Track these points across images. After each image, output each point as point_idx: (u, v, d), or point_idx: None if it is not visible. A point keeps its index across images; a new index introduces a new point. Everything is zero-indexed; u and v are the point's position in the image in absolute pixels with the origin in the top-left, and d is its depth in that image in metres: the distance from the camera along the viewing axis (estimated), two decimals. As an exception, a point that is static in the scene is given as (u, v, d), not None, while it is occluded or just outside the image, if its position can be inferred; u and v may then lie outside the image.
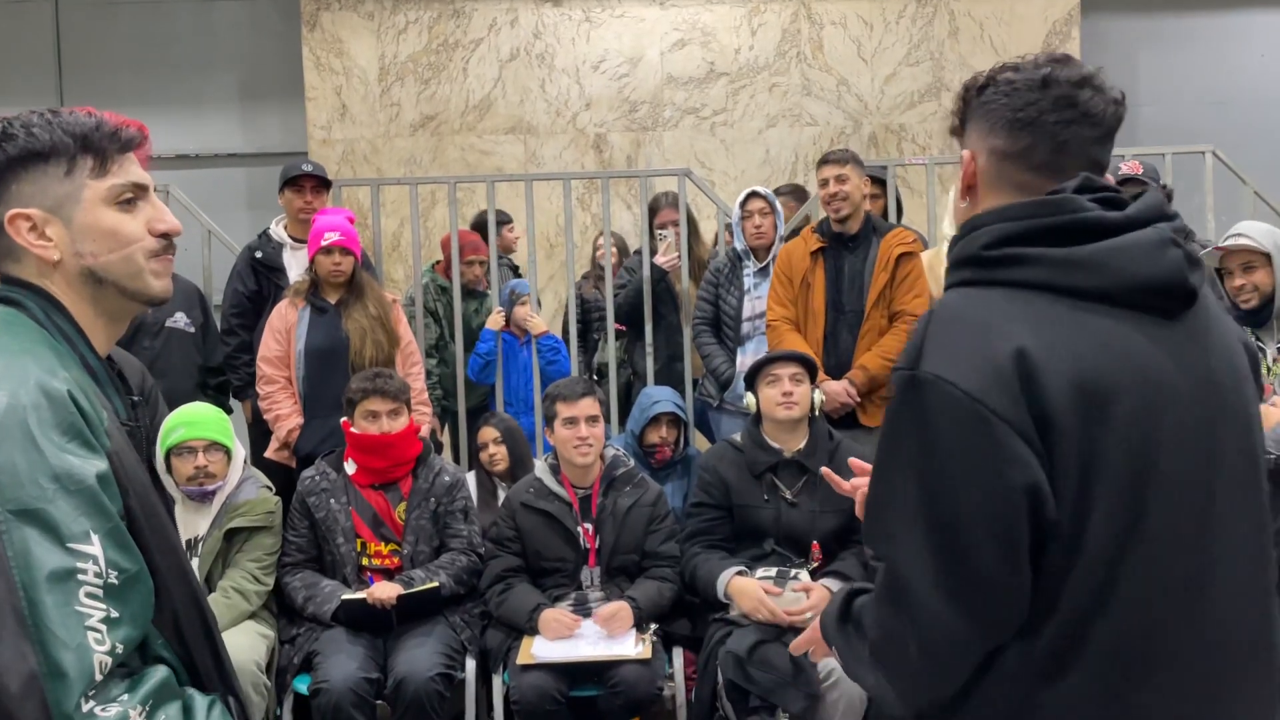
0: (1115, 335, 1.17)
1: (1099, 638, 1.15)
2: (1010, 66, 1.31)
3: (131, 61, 6.63)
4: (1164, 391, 1.17)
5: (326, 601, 3.33)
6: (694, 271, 4.52)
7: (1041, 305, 1.17)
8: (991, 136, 1.29)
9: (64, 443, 1.12)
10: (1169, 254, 1.20)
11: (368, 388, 3.46)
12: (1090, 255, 1.18)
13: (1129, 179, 3.80)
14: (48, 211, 1.23)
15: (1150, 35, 6.75)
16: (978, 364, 1.14)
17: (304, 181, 4.21)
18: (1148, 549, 1.15)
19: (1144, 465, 1.15)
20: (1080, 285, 1.18)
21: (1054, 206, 1.21)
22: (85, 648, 1.07)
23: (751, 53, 6.45)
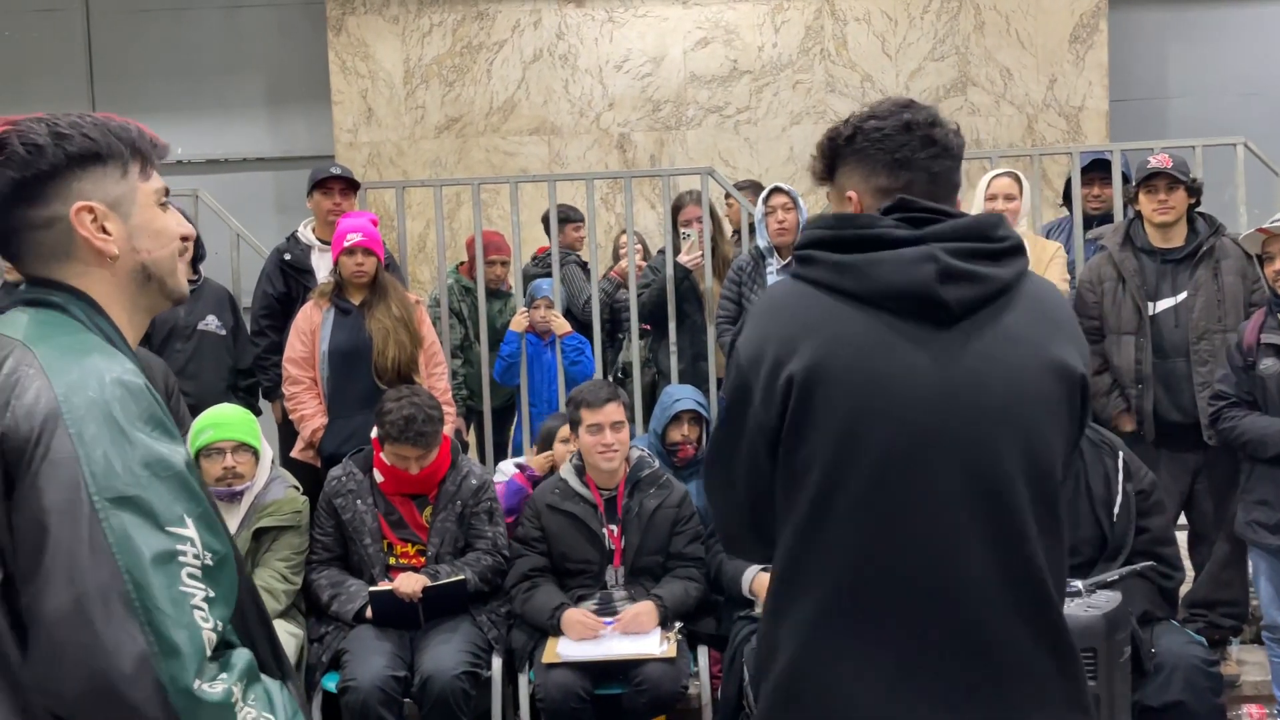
0: (857, 330, 1.40)
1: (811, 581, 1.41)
2: (869, 116, 1.52)
3: (161, 68, 6.72)
4: (885, 382, 1.39)
5: (351, 600, 3.36)
6: (718, 270, 4.52)
7: (815, 298, 1.43)
8: (874, 178, 1.50)
9: (149, 431, 1.16)
10: (921, 268, 1.39)
11: (405, 433, 3.31)
12: (855, 262, 1.41)
13: (1157, 173, 3.76)
14: (108, 207, 1.27)
15: (1180, 26, 6.66)
16: (752, 335, 1.47)
17: (332, 184, 4.25)
18: (841, 518, 1.39)
19: (849, 442, 1.39)
20: (844, 286, 1.42)
21: (853, 221, 1.46)
22: (195, 625, 1.11)
23: (775, 50, 6.44)
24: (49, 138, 1.23)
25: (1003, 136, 6.30)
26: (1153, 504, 2.97)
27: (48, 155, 1.23)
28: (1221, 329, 3.71)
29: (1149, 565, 2.83)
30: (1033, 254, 3.98)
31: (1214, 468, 3.73)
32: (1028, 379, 1.42)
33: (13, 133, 1.23)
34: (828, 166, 1.56)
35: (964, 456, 1.38)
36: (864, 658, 1.38)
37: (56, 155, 1.23)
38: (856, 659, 1.38)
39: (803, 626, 1.41)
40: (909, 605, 1.37)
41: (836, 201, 1.56)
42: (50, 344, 1.19)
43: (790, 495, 1.42)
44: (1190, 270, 3.78)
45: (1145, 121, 6.50)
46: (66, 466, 1.10)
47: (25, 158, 1.22)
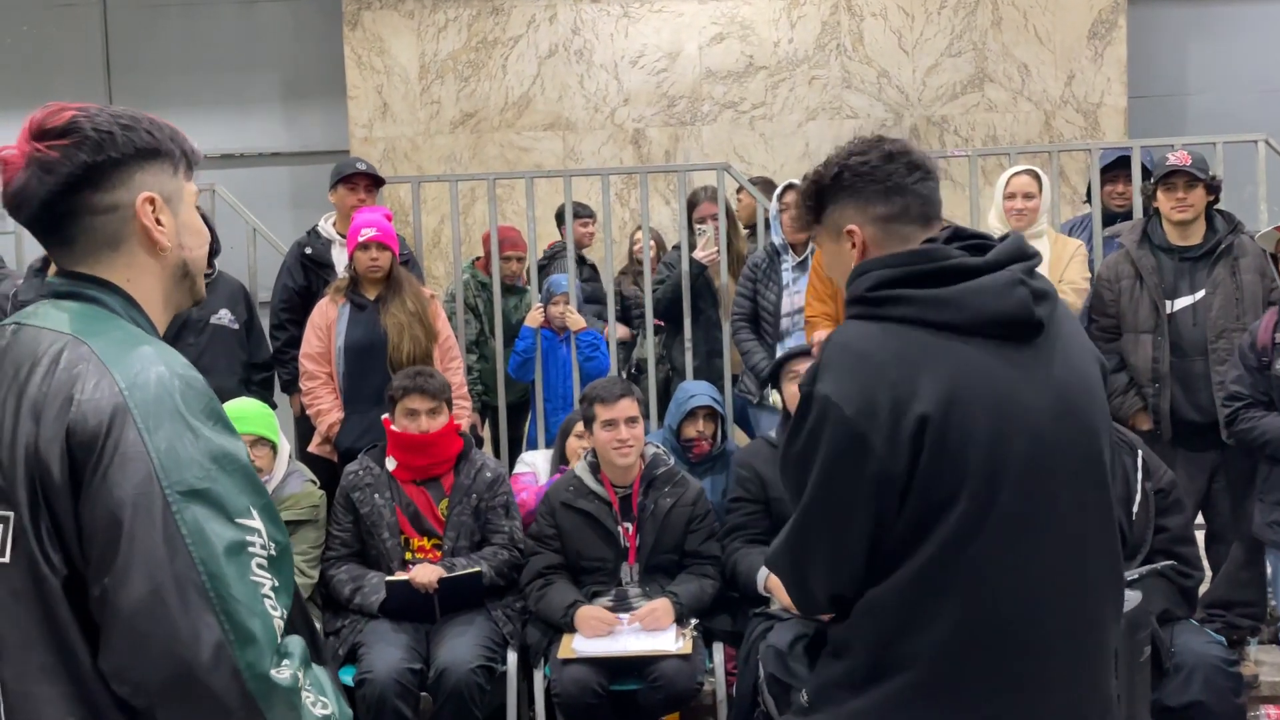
0: (972, 357, 1.45)
1: (948, 606, 1.43)
2: (849, 154, 1.59)
3: (177, 63, 6.75)
4: (1012, 401, 1.45)
5: (374, 592, 3.37)
6: (733, 266, 4.51)
7: (912, 336, 1.46)
8: (871, 208, 1.57)
9: (211, 425, 1.18)
10: (1017, 292, 1.48)
11: (408, 385, 3.49)
12: (952, 295, 1.47)
13: (1176, 170, 3.73)
14: (164, 201, 1.29)
15: (1199, 23, 6.61)
16: (853, 389, 1.44)
17: (357, 180, 4.26)
18: (992, 533, 1.43)
19: (996, 462, 1.42)
20: (945, 320, 1.46)
21: (926, 256, 1.51)
22: (267, 614, 1.14)
23: (790, 45, 6.42)
24: (117, 126, 1.25)
25: (1020, 133, 6.27)
26: (1172, 503, 2.96)
27: (118, 142, 1.24)
28: (1240, 327, 3.68)
29: (1169, 565, 2.81)
30: (1053, 251, 3.96)
31: (1231, 467, 3.71)
32: (1094, 383, 1.55)
33: (81, 117, 1.23)
34: (815, 209, 1.62)
35: (1079, 464, 1.48)
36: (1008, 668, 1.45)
37: (126, 144, 1.25)
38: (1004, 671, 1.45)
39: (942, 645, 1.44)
40: (1047, 614, 1.46)
41: (830, 240, 1.61)
42: (103, 338, 1.19)
43: (922, 534, 1.43)
44: (1209, 268, 3.76)
45: (1164, 118, 6.45)
46: (138, 460, 1.11)
47: (98, 141, 1.23)
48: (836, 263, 1.62)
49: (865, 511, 1.44)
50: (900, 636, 1.45)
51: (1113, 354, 3.90)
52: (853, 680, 1.50)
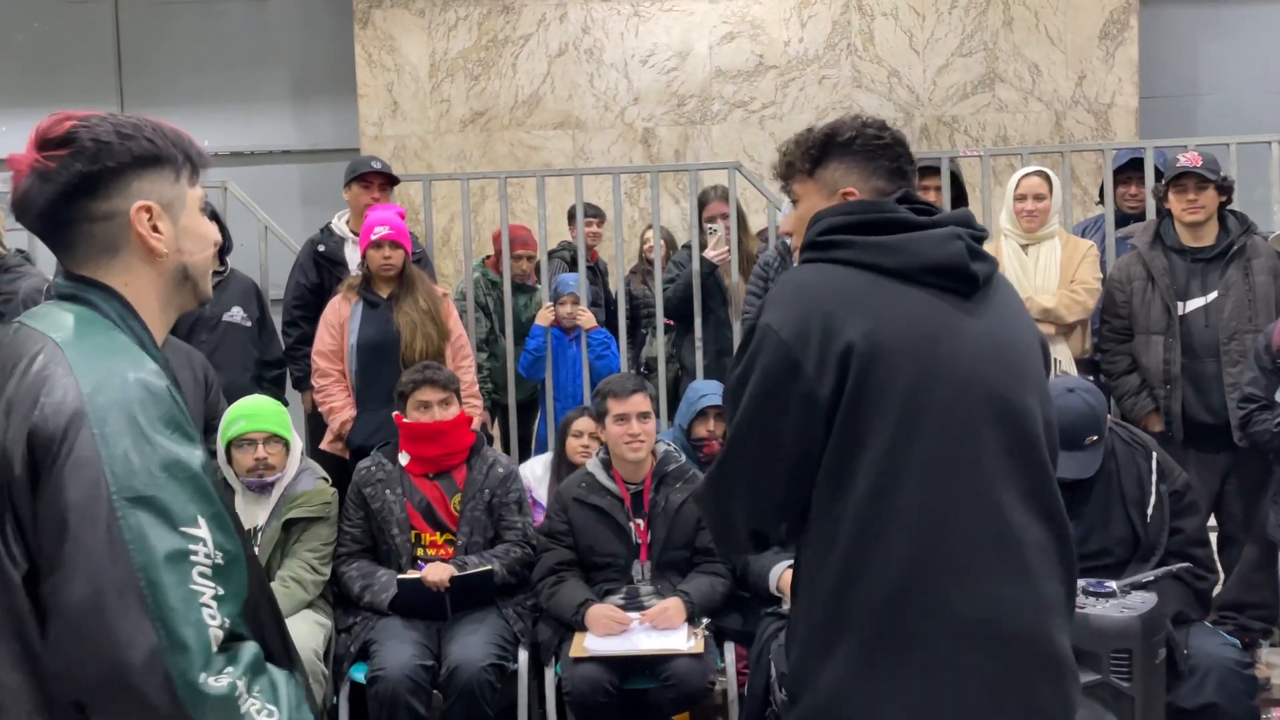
0: (904, 301, 1.52)
1: (883, 551, 1.47)
2: (864, 124, 1.65)
3: (188, 60, 6.76)
4: (939, 343, 1.51)
5: (384, 590, 3.38)
6: (743, 266, 4.51)
7: (852, 276, 1.53)
8: (874, 180, 1.64)
9: (169, 434, 1.20)
10: (954, 244, 1.55)
11: (418, 379, 3.52)
12: (891, 241, 1.54)
13: (1187, 171, 3.72)
14: (162, 208, 1.32)
15: (1211, 23, 6.59)
16: (792, 315, 1.51)
17: (372, 178, 4.27)
18: (916, 473, 1.47)
19: (918, 401, 1.48)
20: (882, 263, 1.53)
21: (874, 206, 1.59)
22: (202, 623, 1.16)
23: (801, 45, 6.41)
24: (115, 135, 1.28)
25: (1030, 133, 6.26)
26: (1186, 505, 2.95)
27: (115, 152, 1.28)
28: (1253, 329, 3.68)
29: (1184, 567, 2.81)
30: (1064, 252, 3.96)
31: (1244, 469, 3.71)
32: (1030, 346, 1.62)
33: (80, 127, 1.27)
34: (814, 159, 1.65)
35: (1004, 413, 1.53)
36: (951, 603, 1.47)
37: (122, 153, 1.28)
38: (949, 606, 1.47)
39: (892, 578, 1.46)
40: (979, 551, 1.48)
41: (818, 194, 1.64)
42: (82, 343, 1.24)
43: (847, 465, 1.47)
44: (1221, 269, 3.75)
45: (1175, 119, 6.44)
46: (89, 466, 1.15)
47: (94, 152, 1.27)
48: (810, 215, 1.65)
49: (792, 436, 1.49)
50: (846, 590, 1.48)
51: (1124, 355, 3.89)
52: (815, 651, 1.51)
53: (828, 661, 1.48)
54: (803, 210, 1.67)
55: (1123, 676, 2.43)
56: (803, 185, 1.67)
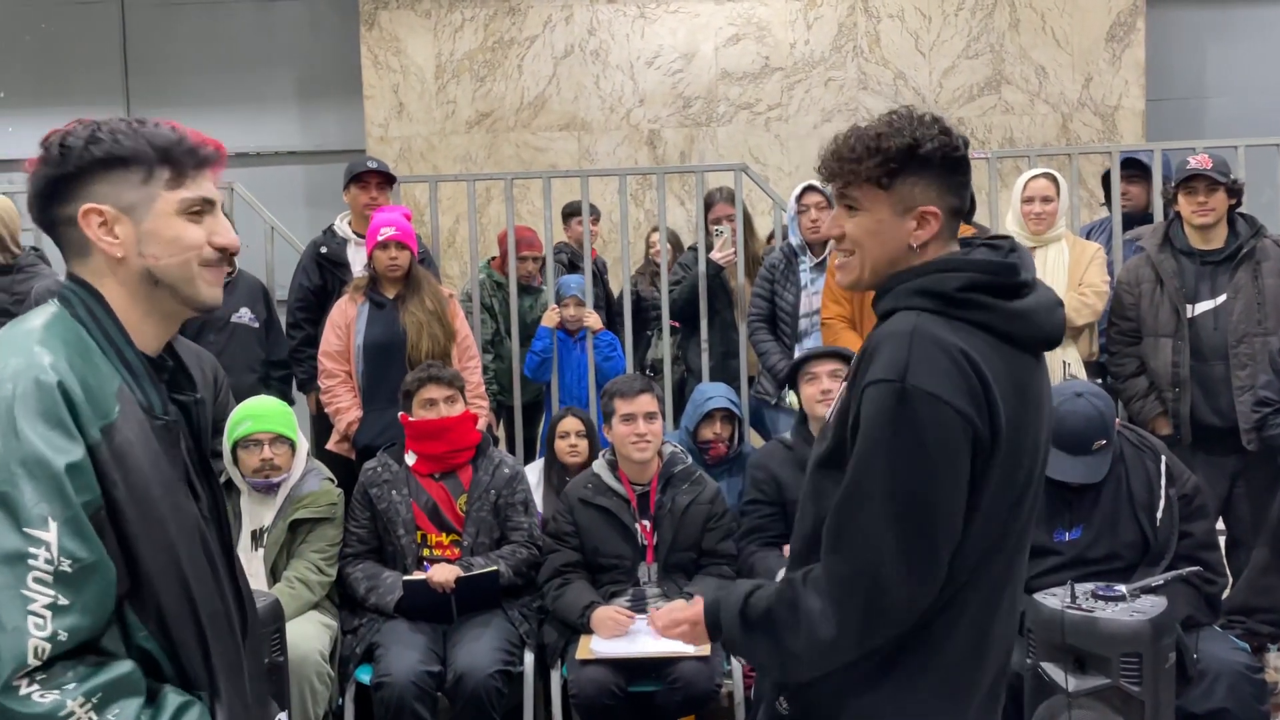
0: (1027, 373, 1.52)
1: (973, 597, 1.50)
2: (940, 131, 1.54)
3: (194, 61, 6.77)
4: (1043, 418, 1.54)
5: (389, 592, 3.37)
6: (749, 268, 4.50)
7: (987, 343, 1.48)
8: (949, 198, 1.55)
9: (44, 430, 1.18)
10: (1058, 314, 1.57)
11: (423, 377, 3.53)
12: (1025, 311, 1.51)
13: (1197, 174, 3.71)
14: (120, 211, 1.30)
15: (1218, 26, 6.58)
16: (961, 385, 1.43)
17: (369, 178, 4.28)
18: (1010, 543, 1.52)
19: (1031, 474, 1.52)
20: (1013, 332, 1.50)
21: (1007, 270, 1.52)
22: (22, 630, 1.12)
23: (807, 47, 6.41)
24: (84, 140, 1.29)
25: (1036, 135, 6.25)
26: (1196, 508, 2.94)
27: (74, 157, 1.28)
28: (1262, 332, 3.67)
29: (1194, 570, 2.80)
30: (1071, 255, 3.94)
31: (1252, 472, 3.69)
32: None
33: (57, 136, 1.30)
34: (890, 173, 1.51)
35: (1042, 461, 1.59)
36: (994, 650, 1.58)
37: (83, 157, 1.29)
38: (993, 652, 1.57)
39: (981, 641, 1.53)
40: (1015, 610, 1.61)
41: (889, 211, 1.52)
42: (10, 335, 1.26)
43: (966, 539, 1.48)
44: (1230, 272, 3.74)
45: (1182, 121, 6.43)
46: None
47: (57, 158, 1.29)
48: (885, 233, 1.53)
49: (957, 503, 1.45)
50: (972, 662, 1.53)
51: (1133, 358, 3.88)
52: (855, 678, 1.50)
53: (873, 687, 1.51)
54: (868, 223, 1.54)
55: (1132, 681, 2.42)
56: (871, 195, 1.53)
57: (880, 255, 1.54)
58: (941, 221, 1.53)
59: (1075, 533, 2.88)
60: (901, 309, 1.51)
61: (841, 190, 1.57)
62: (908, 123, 1.53)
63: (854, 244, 1.56)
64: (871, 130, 1.54)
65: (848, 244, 1.57)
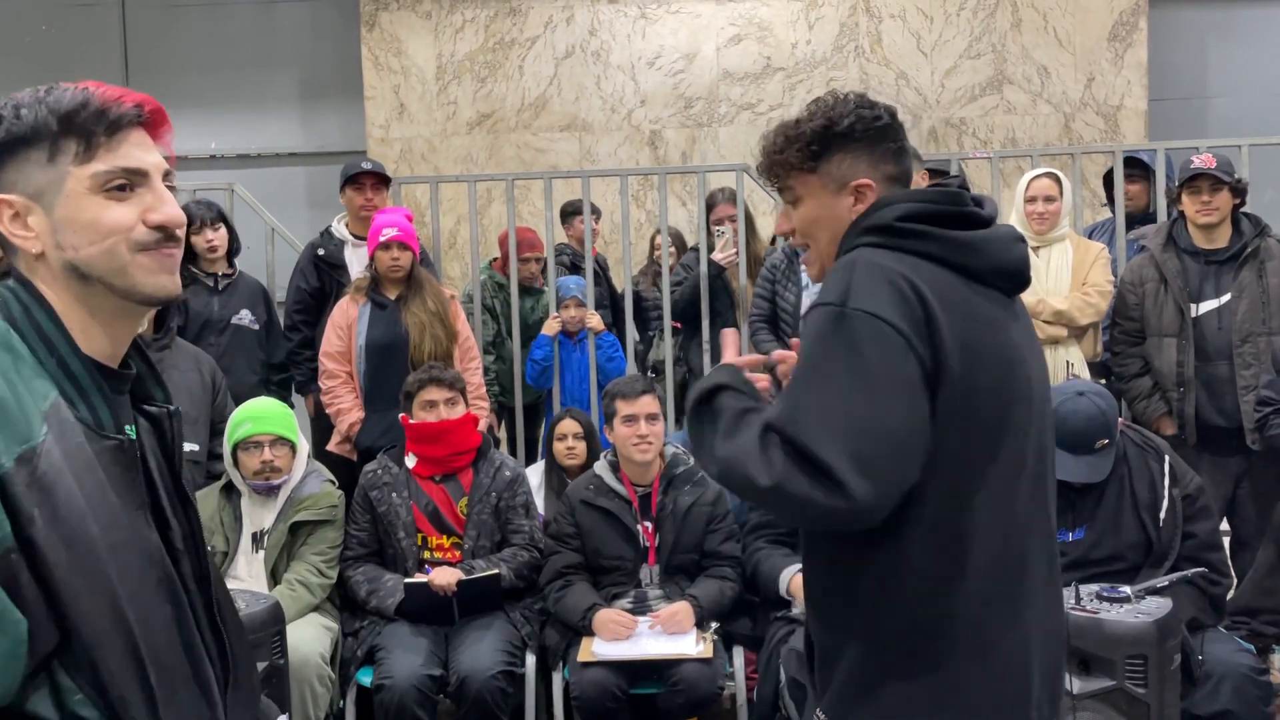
0: (992, 308, 1.50)
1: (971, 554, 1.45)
2: (858, 106, 1.56)
3: (195, 62, 6.76)
4: (1013, 351, 1.50)
5: (390, 595, 3.36)
6: (750, 268, 4.49)
7: (935, 273, 1.45)
8: (883, 165, 1.56)
9: None
10: (1019, 247, 1.56)
11: (424, 378, 3.51)
12: (974, 240, 1.50)
13: (1201, 173, 3.70)
14: (29, 199, 1.11)
15: (1220, 25, 6.56)
16: (900, 307, 1.41)
17: (364, 179, 4.27)
18: (997, 475, 1.47)
19: (1001, 409, 1.46)
20: (964, 263, 1.48)
21: (955, 198, 1.53)
22: None
23: (809, 47, 6.39)
24: None
25: (1039, 135, 6.23)
26: (1200, 509, 2.92)
27: None
28: (1266, 331, 3.65)
29: (1199, 572, 2.78)
30: (1075, 255, 3.93)
31: (1257, 473, 3.68)
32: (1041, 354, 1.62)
33: None
34: (815, 154, 1.55)
35: (1049, 417, 1.57)
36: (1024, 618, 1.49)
37: None
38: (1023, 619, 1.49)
39: (981, 588, 1.45)
40: (1041, 568, 1.52)
41: (825, 191, 1.55)
42: None
43: (932, 474, 1.42)
44: (1234, 272, 3.73)
45: (1184, 121, 6.41)
46: None
47: None
48: (826, 215, 1.56)
49: (907, 417, 1.38)
50: (933, 594, 1.43)
51: (1136, 358, 3.87)
52: (883, 665, 1.43)
53: (912, 675, 1.43)
54: (810, 210, 1.57)
55: (1138, 683, 2.40)
56: (804, 182, 1.57)
57: (830, 238, 1.57)
58: (878, 191, 1.54)
59: (1079, 533, 2.86)
60: (859, 248, 1.52)
61: (779, 187, 1.61)
62: (822, 106, 1.57)
63: (804, 235, 1.59)
64: (790, 121, 1.59)
65: (800, 237, 1.61)
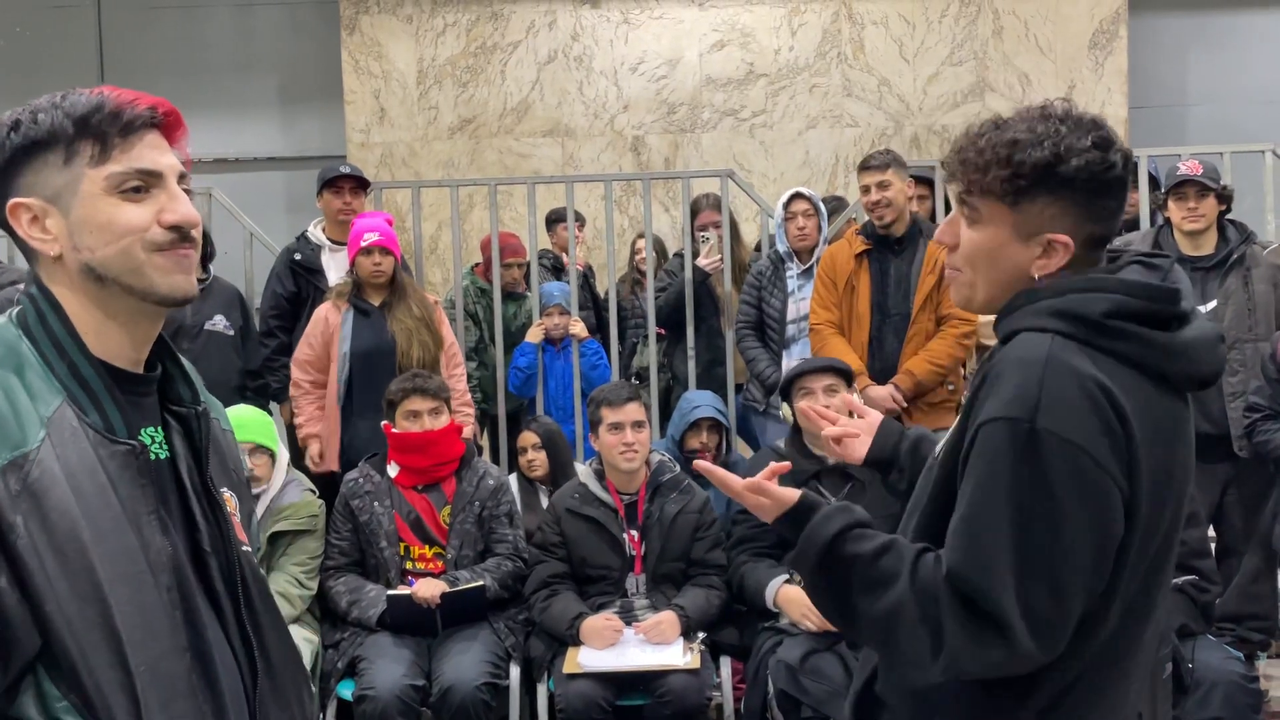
0: (1176, 420, 1.28)
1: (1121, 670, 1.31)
2: (1092, 145, 1.27)
3: (172, 66, 6.68)
4: (1187, 461, 1.32)
5: (371, 606, 3.30)
6: (735, 274, 4.47)
7: (1129, 379, 1.24)
8: (1090, 224, 1.30)
9: None
10: (1219, 351, 1.32)
11: (408, 388, 3.45)
12: (1181, 345, 1.27)
13: (1187, 180, 3.70)
14: (47, 202, 1.13)
15: (1201, 33, 6.61)
16: (1104, 435, 1.21)
17: (342, 183, 4.22)
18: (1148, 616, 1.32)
19: (1165, 544, 1.29)
20: (1165, 370, 1.26)
21: (1164, 295, 1.28)
22: None
23: (791, 53, 6.39)
24: (6, 130, 1.13)
25: (1021, 142, 6.25)
26: (1189, 516, 2.90)
27: (2, 150, 1.12)
28: (1253, 338, 3.65)
29: (1188, 579, 2.77)
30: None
31: (1244, 480, 3.67)
32: None
33: None
34: (1020, 191, 1.27)
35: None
36: None
37: (4, 148, 1.13)
38: None
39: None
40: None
41: (1010, 233, 1.29)
42: None
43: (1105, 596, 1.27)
44: (1220, 278, 3.73)
45: (1165, 128, 6.45)
46: None
47: None
48: (1003, 258, 1.31)
49: (1096, 553, 1.23)
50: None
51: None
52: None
53: None
54: (986, 241, 1.32)
55: (1130, 692, 2.38)
56: (993, 211, 1.30)
57: (995, 279, 1.33)
58: (1074, 253, 1.29)
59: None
60: (1030, 329, 1.27)
61: (961, 196, 1.34)
62: (1051, 128, 1.28)
63: (967, 261, 1.35)
64: (1008, 135, 1.30)
65: (958, 259, 1.36)
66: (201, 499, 1.20)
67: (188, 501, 1.18)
